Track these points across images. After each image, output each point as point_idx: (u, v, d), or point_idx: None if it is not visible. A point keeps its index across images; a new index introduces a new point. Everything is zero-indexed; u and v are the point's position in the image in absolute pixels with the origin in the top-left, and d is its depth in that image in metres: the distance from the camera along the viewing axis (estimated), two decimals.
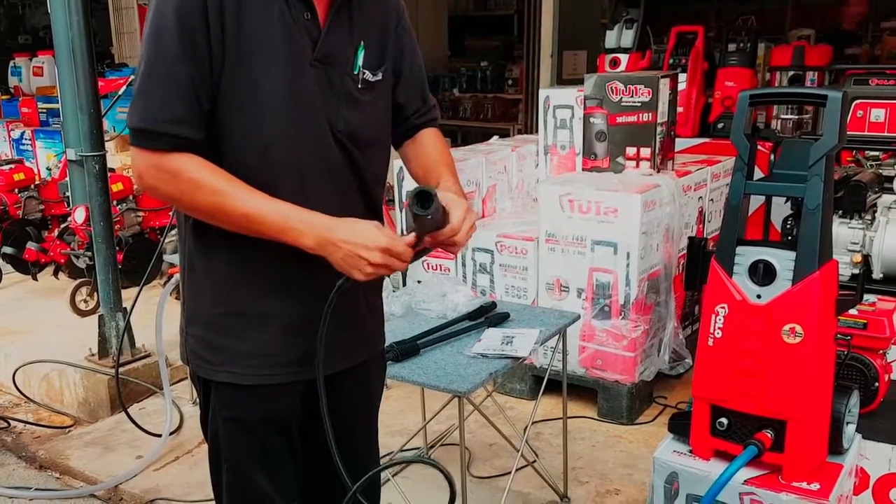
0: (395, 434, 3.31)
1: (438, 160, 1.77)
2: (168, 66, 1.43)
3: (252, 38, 1.47)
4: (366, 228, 1.48)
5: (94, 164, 3.74)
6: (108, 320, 3.85)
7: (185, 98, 1.44)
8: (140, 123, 1.45)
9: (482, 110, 9.43)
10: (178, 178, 1.46)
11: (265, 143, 1.51)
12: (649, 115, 3.47)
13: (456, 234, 1.53)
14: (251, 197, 1.46)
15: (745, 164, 1.95)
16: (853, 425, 2.09)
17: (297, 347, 1.61)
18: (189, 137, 1.46)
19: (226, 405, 1.64)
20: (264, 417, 1.64)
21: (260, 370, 1.60)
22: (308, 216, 1.47)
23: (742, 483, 1.92)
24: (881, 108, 2.95)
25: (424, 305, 2.84)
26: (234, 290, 1.58)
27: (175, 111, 1.44)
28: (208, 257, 1.59)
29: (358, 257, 1.45)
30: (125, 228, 4.96)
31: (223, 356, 1.60)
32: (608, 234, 3.32)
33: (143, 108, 1.45)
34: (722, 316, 1.93)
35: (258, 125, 1.50)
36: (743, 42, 5.30)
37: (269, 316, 1.59)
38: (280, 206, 1.46)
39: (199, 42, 1.44)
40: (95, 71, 3.76)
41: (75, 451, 3.46)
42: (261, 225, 1.46)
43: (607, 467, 3.15)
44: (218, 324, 1.60)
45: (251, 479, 1.67)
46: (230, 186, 1.46)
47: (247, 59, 1.47)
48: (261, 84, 1.48)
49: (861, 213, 2.79)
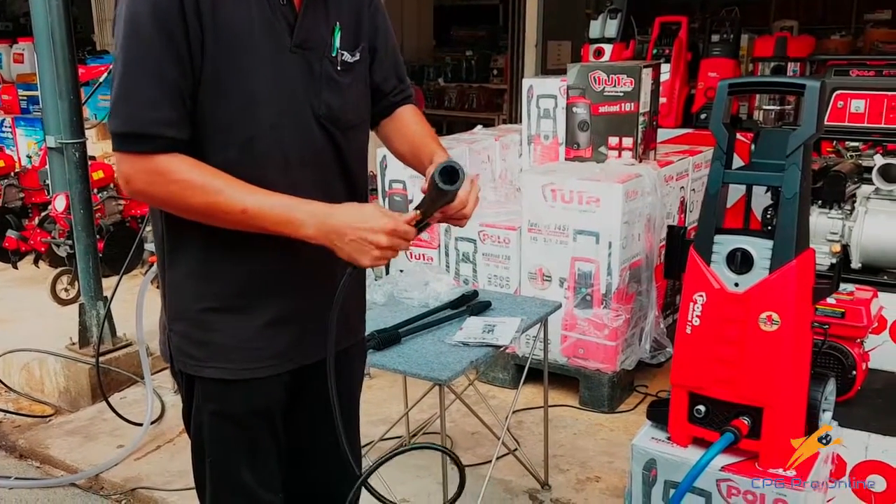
0: (377, 423, 3.32)
1: (425, 135, 1.76)
2: (148, 66, 1.39)
3: (230, 29, 1.43)
4: (369, 212, 1.46)
5: (73, 151, 3.71)
6: (89, 309, 3.82)
7: (170, 97, 1.40)
8: (125, 127, 1.41)
9: (467, 100, 9.43)
10: (168, 180, 1.42)
11: (250, 135, 1.48)
12: (631, 104, 3.47)
13: (465, 207, 1.54)
14: (247, 192, 1.42)
15: (724, 153, 1.96)
16: (829, 413, 2.11)
17: (282, 339, 1.60)
18: (177, 138, 1.42)
19: (212, 399, 1.62)
20: (251, 410, 1.63)
21: (247, 364, 1.58)
22: (308, 206, 1.44)
23: (719, 469, 1.93)
24: (861, 98, 2.96)
25: (406, 294, 2.84)
26: (216, 284, 1.56)
27: (161, 112, 1.40)
28: (187, 253, 1.56)
29: (365, 242, 1.42)
30: (106, 216, 4.92)
31: (209, 352, 1.57)
32: (590, 224, 3.33)
33: (126, 111, 1.41)
34: (700, 304, 1.95)
35: (242, 118, 1.47)
36: (726, 33, 5.33)
37: (253, 309, 1.57)
38: (278, 198, 1.44)
39: (177, 38, 1.39)
40: (75, 58, 3.72)
41: (56, 441, 3.44)
42: (260, 220, 1.43)
43: (588, 455, 3.17)
44: (202, 320, 1.57)
45: (236, 472, 1.66)
46: (223, 183, 1.42)
47: (226, 51, 1.43)
48: (243, 76, 1.46)
49: (840, 203, 2.81)
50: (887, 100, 2.89)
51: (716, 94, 1.99)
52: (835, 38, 6.98)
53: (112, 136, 1.43)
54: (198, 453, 1.69)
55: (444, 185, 1.40)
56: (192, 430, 1.68)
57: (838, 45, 6.73)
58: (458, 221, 1.58)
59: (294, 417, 1.72)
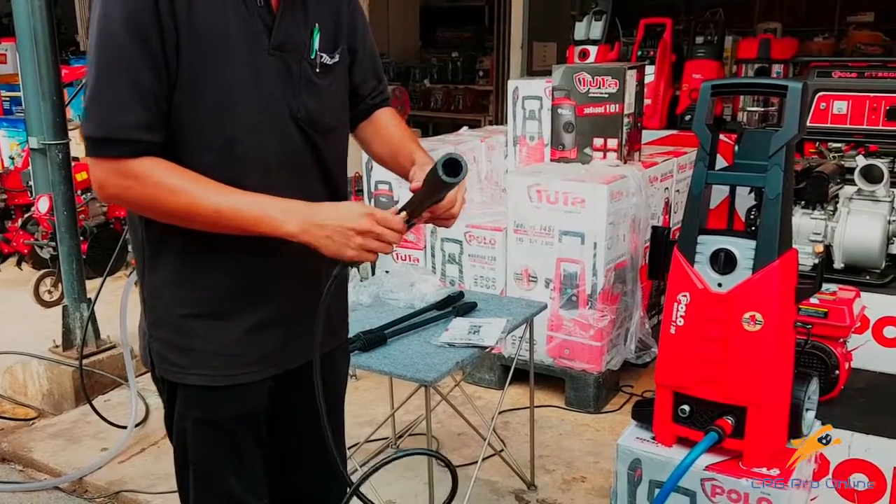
0: (363, 424, 3.31)
1: (404, 137, 1.75)
2: (122, 69, 1.37)
3: (207, 31, 1.41)
4: (349, 205, 1.46)
5: (56, 152, 3.69)
6: (73, 311, 3.80)
7: (144, 101, 1.38)
8: (98, 132, 1.39)
9: (453, 101, 9.44)
10: (144, 184, 1.40)
11: (228, 138, 1.46)
12: (616, 106, 3.49)
13: (453, 207, 1.53)
14: (221, 192, 1.41)
15: (707, 153, 1.96)
16: (812, 412, 2.12)
17: (265, 344, 1.58)
18: (151, 141, 1.40)
19: (195, 406, 1.59)
20: (235, 417, 1.61)
21: (230, 370, 1.56)
22: (284, 203, 1.43)
23: (703, 469, 1.94)
24: (843, 100, 2.99)
25: (392, 295, 2.84)
26: (197, 290, 1.54)
27: (135, 115, 1.38)
28: (167, 258, 1.53)
29: (347, 230, 1.41)
30: (90, 218, 4.90)
31: (191, 359, 1.55)
32: (575, 225, 3.34)
33: (99, 115, 1.39)
34: (684, 304, 1.95)
35: (220, 121, 1.45)
36: (710, 35, 5.35)
37: (235, 315, 1.55)
38: (253, 197, 1.42)
39: (151, 40, 1.37)
40: (58, 58, 3.70)
41: (39, 444, 3.41)
42: (236, 220, 1.41)
43: (574, 455, 3.18)
44: (183, 326, 1.54)
45: (220, 479, 1.64)
46: (198, 185, 1.40)
47: (203, 53, 1.41)
48: (219, 78, 1.44)
49: (823, 203, 2.83)
50: (869, 101, 2.92)
51: (699, 95, 2.00)
52: (818, 40, 7.03)
53: (85, 140, 1.41)
54: (181, 460, 1.67)
55: (447, 178, 1.37)
56: (175, 436, 1.65)
57: (821, 47, 6.79)
58: (446, 222, 1.57)
59: (279, 422, 1.71)
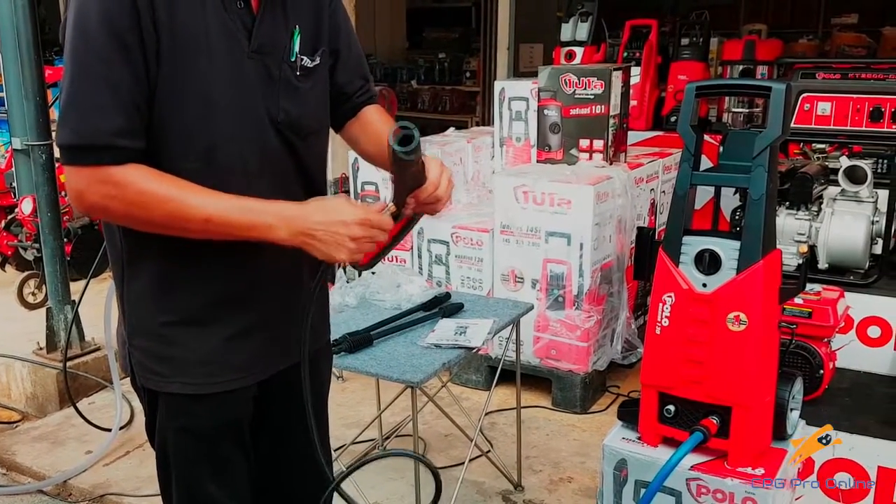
0: (350, 425, 3.31)
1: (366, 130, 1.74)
2: (100, 73, 1.32)
3: (187, 34, 1.37)
4: (338, 204, 1.43)
5: (40, 153, 3.66)
6: (57, 313, 3.77)
7: (123, 106, 1.33)
8: (76, 139, 1.33)
9: (440, 102, 9.43)
10: (126, 192, 1.35)
11: (210, 145, 1.42)
12: (602, 107, 3.50)
13: (438, 189, 1.49)
14: (209, 198, 1.37)
15: (692, 154, 1.97)
16: (797, 411, 2.14)
17: (247, 350, 1.56)
18: (134, 148, 1.36)
19: (177, 415, 1.56)
20: (218, 424, 1.59)
21: (212, 377, 1.53)
22: (274, 206, 1.40)
23: (689, 469, 1.95)
24: (827, 101, 3.00)
25: (378, 296, 2.84)
26: (178, 297, 1.50)
27: (115, 121, 1.33)
28: (146, 266, 1.50)
29: (338, 235, 1.39)
30: (74, 219, 4.85)
31: (172, 367, 1.52)
32: (562, 226, 3.35)
33: (77, 121, 1.33)
34: (669, 305, 1.96)
35: (201, 127, 1.41)
36: (696, 36, 5.37)
37: (216, 321, 1.52)
38: (241, 201, 1.38)
39: (130, 43, 1.32)
40: (41, 58, 3.68)
41: (23, 447, 3.39)
42: (226, 226, 1.38)
43: (561, 456, 3.18)
44: (164, 334, 1.51)
45: (204, 486, 1.61)
46: (184, 192, 1.36)
47: (183, 56, 1.37)
48: (200, 83, 1.39)
49: (807, 204, 2.85)
50: (853, 102, 2.93)
51: (683, 96, 2.01)
52: (802, 41, 7.07)
53: (61, 148, 1.36)
54: (163, 467, 1.64)
55: (400, 149, 1.35)
56: (157, 445, 1.63)
57: (806, 49, 6.82)
58: (434, 206, 1.52)
59: (263, 427, 1.70)
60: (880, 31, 6.48)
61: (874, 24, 7.00)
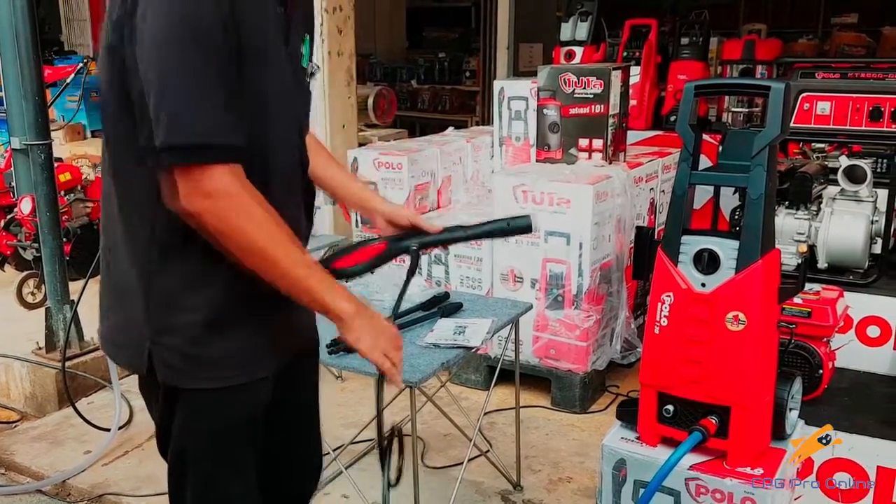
0: (349, 425, 3.30)
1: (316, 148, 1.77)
2: (204, 75, 1.29)
3: (254, 38, 1.35)
4: (385, 324, 1.62)
5: (39, 153, 3.66)
6: (56, 313, 3.77)
7: (229, 100, 1.31)
8: (193, 137, 1.29)
9: (440, 102, 9.44)
10: (232, 204, 1.33)
11: (262, 149, 1.41)
12: (601, 106, 3.49)
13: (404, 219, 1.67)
14: (300, 257, 1.41)
15: (691, 154, 1.97)
16: (796, 411, 2.14)
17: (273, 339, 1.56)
18: (242, 147, 1.34)
19: (202, 411, 1.53)
20: (243, 418, 1.57)
21: (240, 369, 1.52)
22: (347, 294, 1.50)
23: (687, 469, 1.95)
24: (827, 101, 3.00)
25: (378, 296, 2.82)
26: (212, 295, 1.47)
27: (227, 116, 1.31)
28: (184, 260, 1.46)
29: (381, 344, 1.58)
30: (73, 219, 4.85)
31: (202, 363, 1.49)
32: (561, 225, 3.34)
33: (193, 117, 1.30)
34: (668, 304, 1.96)
35: (262, 134, 1.40)
36: (695, 36, 5.36)
37: (247, 316, 1.51)
38: (323, 277, 1.47)
39: (220, 44, 1.30)
40: (40, 58, 3.67)
41: (21, 447, 3.38)
42: (304, 294, 1.45)
43: (560, 456, 3.18)
44: (195, 333, 1.48)
45: (223, 488, 1.60)
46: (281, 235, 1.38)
47: (253, 61, 1.35)
48: (265, 89, 1.39)
49: (807, 203, 2.85)
50: (852, 102, 2.93)
51: (682, 95, 2.01)
52: (802, 41, 7.07)
53: (168, 150, 1.30)
54: (179, 470, 1.60)
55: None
56: (174, 447, 1.59)
57: (805, 49, 6.82)
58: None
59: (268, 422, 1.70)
60: (880, 31, 6.49)
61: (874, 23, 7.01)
